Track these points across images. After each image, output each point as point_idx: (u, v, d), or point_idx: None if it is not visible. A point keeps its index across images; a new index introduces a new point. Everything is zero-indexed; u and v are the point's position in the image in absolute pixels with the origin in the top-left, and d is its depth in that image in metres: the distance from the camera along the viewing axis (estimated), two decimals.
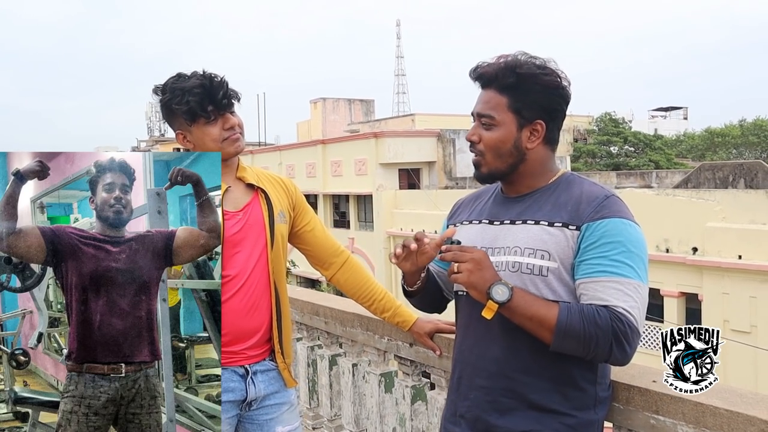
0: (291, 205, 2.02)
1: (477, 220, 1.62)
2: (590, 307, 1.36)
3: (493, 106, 1.51)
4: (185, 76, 1.81)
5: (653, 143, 32.45)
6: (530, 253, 1.45)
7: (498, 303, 1.37)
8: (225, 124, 1.82)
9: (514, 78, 1.48)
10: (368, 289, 2.10)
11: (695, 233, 12.74)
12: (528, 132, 1.50)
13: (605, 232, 1.39)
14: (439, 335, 2.10)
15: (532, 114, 1.49)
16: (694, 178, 15.90)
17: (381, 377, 2.48)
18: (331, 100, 37.71)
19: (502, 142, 1.50)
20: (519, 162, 1.52)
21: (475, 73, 1.55)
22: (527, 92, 1.48)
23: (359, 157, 23.22)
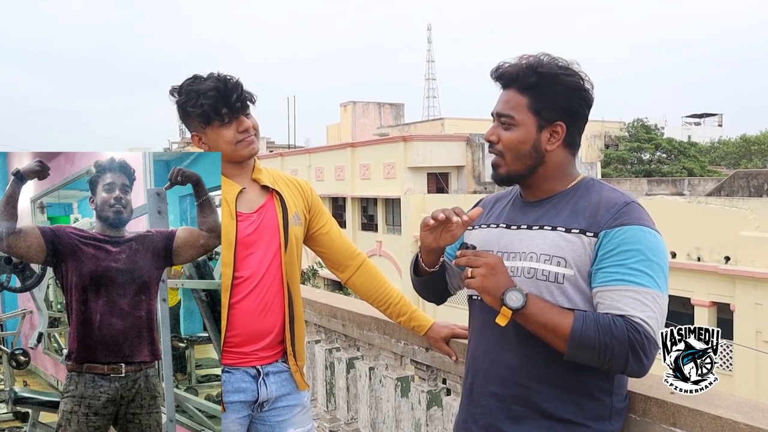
0: (306, 207, 2.01)
1: (494, 224, 1.59)
2: (606, 316, 1.33)
3: (513, 106, 1.49)
4: (201, 78, 1.81)
5: (687, 150, 32.09)
6: (546, 259, 1.42)
7: (512, 309, 1.34)
8: (239, 127, 1.82)
9: (536, 78, 1.45)
10: (384, 292, 2.08)
11: (728, 242, 12.53)
12: (548, 133, 1.48)
13: (624, 239, 1.36)
14: (454, 341, 2.08)
15: (553, 115, 1.46)
16: (727, 186, 15.64)
17: (397, 381, 2.47)
18: (361, 103, 37.89)
19: (521, 143, 1.48)
20: (538, 164, 1.49)
21: (497, 73, 1.53)
22: (548, 93, 1.46)
23: (388, 161, 23.26)
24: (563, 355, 1.35)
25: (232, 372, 1.86)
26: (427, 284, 1.75)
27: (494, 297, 1.37)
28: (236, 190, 1.86)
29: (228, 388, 1.85)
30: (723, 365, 12.96)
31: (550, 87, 1.45)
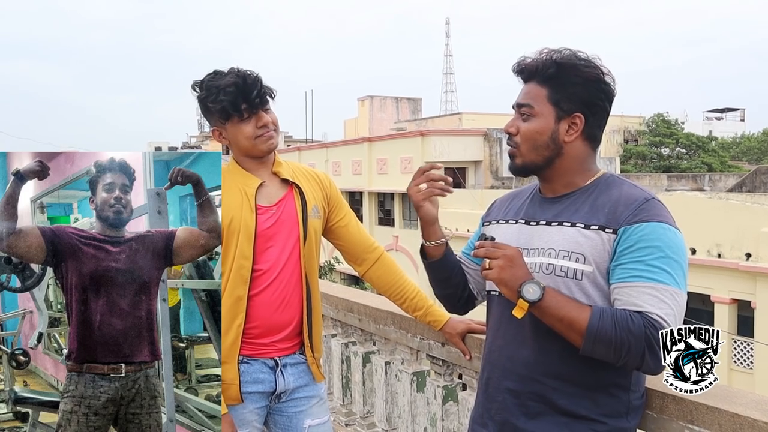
0: (325, 200, 2.02)
1: (513, 220, 1.59)
2: (624, 312, 1.32)
3: (533, 96, 1.49)
4: (222, 73, 1.82)
5: (707, 145, 31.70)
6: (565, 255, 1.41)
7: (529, 302, 1.33)
8: (258, 122, 1.83)
9: (555, 69, 1.46)
10: (401, 286, 2.09)
11: (749, 238, 12.32)
12: (566, 125, 1.47)
13: (643, 235, 1.35)
14: (470, 336, 2.08)
15: (571, 106, 1.46)
16: (749, 182, 15.44)
17: (413, 376, 2.47)
18: (378, 98, 37.81)
19: (538, 134, 1.48)
20: (555, 156, 1.49)
21: (518, 67, 1.53)
22: (567, 84, 1.46)
23: (405, 156, 23.22)
24: (579, 349, 1.34)
25: (251, 363, 1.87)
26: (439, 273, 1.74)
27: (511, 289, 1.36)
28: (256, 183, 1.86)
29: (246, 378, 1.86)
30: (743, 363, 12.84)
31: (569, 78, 1.45)
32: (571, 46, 1.50)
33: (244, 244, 1.81)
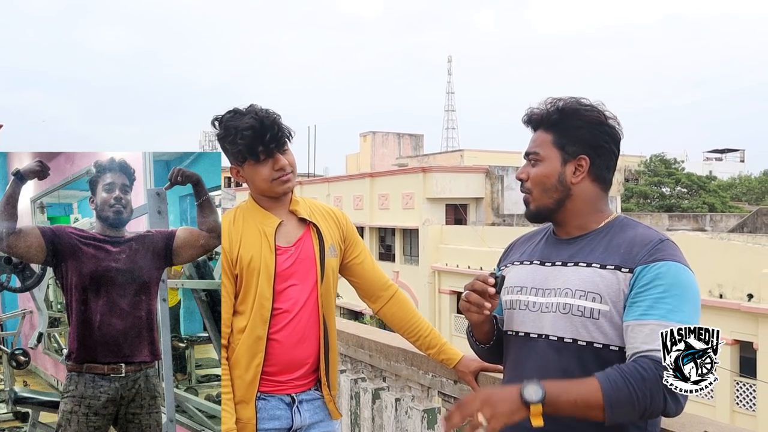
0: (342, 238, 2.02)
1: (528, 261, 1.62)
2: (630, 365, 1.32)
3: (540, 143, 1.55)
4: (241, 112, 1.82)
5: (707, 185, 31.77)
6: (581, 295, 1.43)
7: (537, 402, 1.30)
8: (275, 165, 1.83)
9: (558, 115, 1.53)
10: (415, 324, 2.09)
11: (751, 279, 12.39)
12: (572, 167, 1.52)
13: (658, 274, 1.38)
14: (483, 374, 2.08)
15: (576, 149, 1.52)
16: (750, 223, 15.51)
17: (424, 413, 2.46)
18: (380, 133, 38.12)
19: (546, 177, 1.53)
20: (565, 197, 1.53)
21: (526, 118, 1.61)
22: (570, 128, 1.52)
23: (407, 191, 23.34)
24: (604, 422, 1.31)
25: (267, 399, 1.87)
26: (495, 348, 1.72)
27: (515, 406, 1.30)
28: (275, 223, 1.87)
29: (263, 415, 1.85)
30: (746, 405, 12.74)
31: (571, 122, 1.52)
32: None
33: (264, 284, 1.82)
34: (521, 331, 1.56)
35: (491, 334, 1.68)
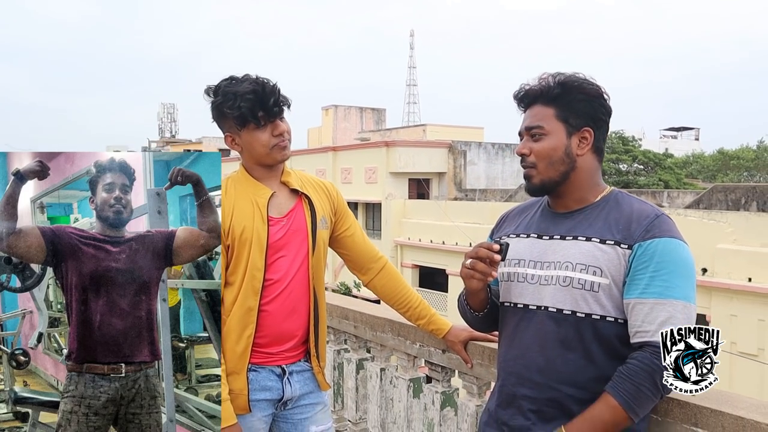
0: (333, 210, 2.03)
1: (525, 234, 1.63)
2: (627, 366, 1.40)
3: (541, 117, 1.55)
4: (238, 79, 1.81)
5: (663, 162, 31.96)
6: (582, 268, 1.47)
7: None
8: (274, 131, 1.83)
9: (560, 89, 1.54)
10: (405, 295, 2.11)
11: (706, 254, 12.56)
12: (577, 139, 1.54)
13: (656, 251, 1.42)
14: (472, 344, 2.11)
15: (579, 122, 1.54)
16: (706, 199, 15.72)
17: (410, 382, 2.49)
18: (342, 107, 37.75)
19: (553, 150, 1.54)
20: (570, 170, 1.55)
21: (521, 94, 1.60)
22: (573, 101, 1.53)
23: (370, 166, 23.31)
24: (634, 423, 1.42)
25: (258, 371, 1.88)
26: (487, 318, 1.75)
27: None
28: (267, 194, 1.86)
29: (255, 386, 1.86)
30: None
31: (574, 96, 1.53)
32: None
33: (256, 255, 1.82)
34: (520, 303, 1.59)
35: (486, 303, 1.70)
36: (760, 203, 14.65)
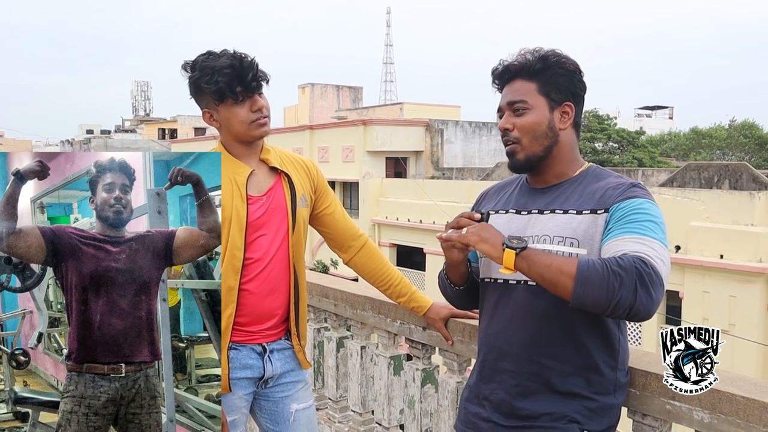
0: (312, 188, 2.03)
1: (503, 210, 1.64)
2: (611, 257, 1.35)
3: (524, 92, 1.56)
4: (216, 54, 1.80)
5: (636, 140, 32.36)
6: (560, 240, 1.48)
7: (515, 249, 1.37)
8: (253, 106, 1.82)
9: (541, 64, 1.55)
10: (385, 273, 2.11)
11: (679, 231, 12.84)
12: (559, 113, 1.56)
13: (631, 207, 1.44)
14: (452, 321, 2.13)
15: (561, 96, 1.55)
16: (679, 178, 16.00)
17: (390, 360, 2.50)
18: (319, 85, 37.56)
19: (537, 124, 1.55)
20: (553, 144, 1.56)
21: (500, 70, 1.61)
22: (554, 76, 1.55)
23: (347, 144, 23.30)
24: (569, 298, 1.34)
25: (239, 349, 1.88)
26: (466, 293, 1.76)
27: (494, 244, 1.41)
28: (246, 172, 1.85)
29: (235, 364, 1.86)
30: None
31: (555, 70, 1.55)
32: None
33: (235, 234, 1.81)
34: (500, 278, 1.59)
35: (466, 277, 1.71)
36: (732, 181, 14.87)
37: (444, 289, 1.81)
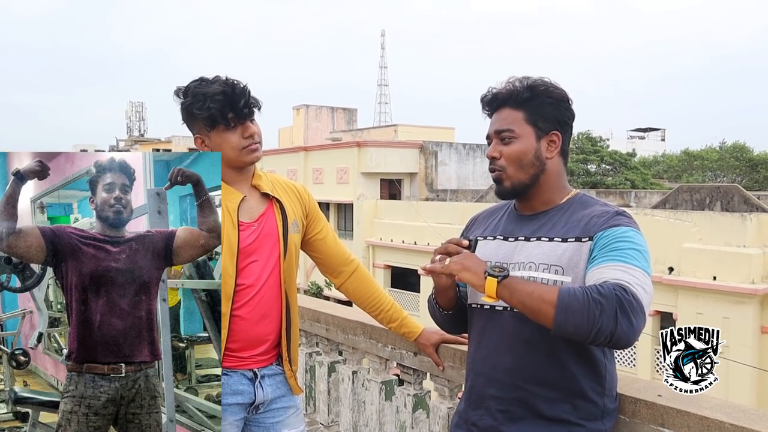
0: (304, 213, 2.02)
1: (491, 236, 1.65)
2: (592, 284, 1.35)
3: (511, 121, 1.57)
4: (208, 80, 1.80)
5: (629, 162, 32.39)
6: (545, 268, 1.48)
7: (496, 277, 1.37)
8: (244, 133, 1.82)
9: (529, 93, 1.55)
10: (376, 298, 2.11)
11: (672, 253, 12.91)
12: (546, 143, 1.57)
13: (616, 235, 1.43)
14: (443, 346, 2.12)
15: (548, 125, 1.56)
16: (672, 199, 16.08)
17: (382, 385, 2.49)
18: (314, 107, 37.84)
19: (524, 153, 1.56)
20: (540, 172, 1.57)
21: (488, 98, 1.62)
22: (541, 105, 1.55)
23: (341, 166, 23.43)
24: (551, 326, 1.34)
25: (230, 374, 1.87)
26: (454, 318, 1.77)
27: (477, 273, 1.41)
28: (238, 198, 1.85)
29: (226, 390, 1.85)
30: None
31: (542, 100, 1.56)
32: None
33: (227, 260, 1.81)
34: (486, 304, 1.59)
35: (455, 301, 1.71)
36: (724, 203, 14.98)
37: (433, 313, 1.81)
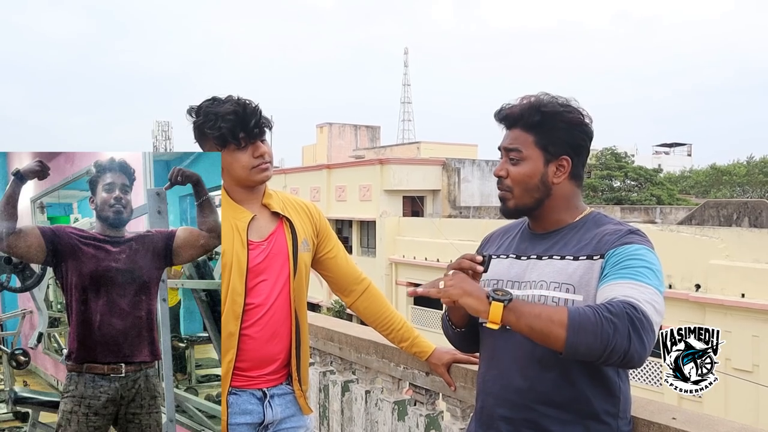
0: (315, 232, 2.02)
1: (504, 255, 1.64)
2: (600, 304, 1.32)
3: (521, 141, 1.55)
4: (220, 100, 1.82)
5: (654, 178, 32.08)
6: (556, 287, 1.46)
7: (502, 301, 1.32)
8: (255, 152, 1.82)
9: (539, 116, 1.53)
10: (388, 317, 2.09)
11: (698, 270, 12.66)
12: (554, 167, 1.54)
13: (628, 253, 1.41)
14: (455, 366, 2.10)
15: (558, 150, 1.54)
16: (698, 215, 15.77)
17: (395, 405, 2.47)
18: (337, 125, 38.05)
19: (529, 177, 1.54)
20: (545, 197, 1.55)
21: (500, 115, 1.60)
22: (552, 129, 1.53)
23: (364, 183, 23.38)
24: (561, 348, 1.29)
25: (239, 394, 1.86)
26: (466, 336, 1.75)
27: (479, 297, 1.35)
28: (248, 217, 1.85)
29: (234, 410, 1.84)
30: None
31: (553, 124, 1.53)
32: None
33: (236, 279, 1.81)
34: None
35: (467, 319, 1.69)
36: (752, 219, 14.75)
37: (446, 330, 1.79)
